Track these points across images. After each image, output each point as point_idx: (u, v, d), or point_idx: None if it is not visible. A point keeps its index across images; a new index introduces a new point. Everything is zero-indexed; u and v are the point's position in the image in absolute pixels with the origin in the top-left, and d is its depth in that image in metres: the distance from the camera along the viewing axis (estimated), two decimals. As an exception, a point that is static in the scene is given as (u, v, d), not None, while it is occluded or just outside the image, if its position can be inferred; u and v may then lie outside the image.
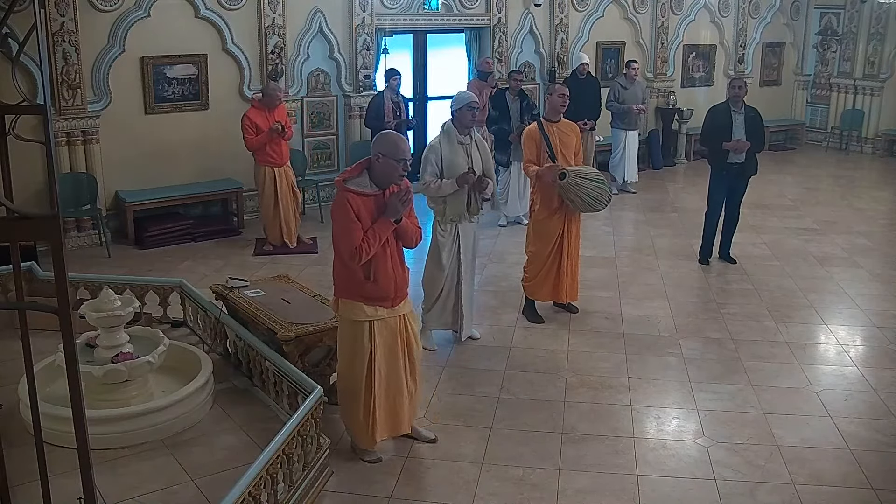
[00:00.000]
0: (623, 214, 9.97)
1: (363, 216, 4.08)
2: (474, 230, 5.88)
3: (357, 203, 4.08)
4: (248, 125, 7.94)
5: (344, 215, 4.06)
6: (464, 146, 5.60)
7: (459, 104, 5.59)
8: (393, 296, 4.25)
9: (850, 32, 13.91)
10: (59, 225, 2.30)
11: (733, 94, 7.65)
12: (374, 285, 4.17)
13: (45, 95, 2.59)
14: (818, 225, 9.48)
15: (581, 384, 5.42)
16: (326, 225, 9.17)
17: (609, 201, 6.29)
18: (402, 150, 4.16)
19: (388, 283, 4.21)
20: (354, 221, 4.05)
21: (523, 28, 11.40)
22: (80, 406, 2.45)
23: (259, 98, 8.24)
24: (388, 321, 4.28)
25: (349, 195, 4.09)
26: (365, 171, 4.18)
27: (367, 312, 4.20)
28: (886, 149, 13.66)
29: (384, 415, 4.35)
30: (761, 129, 7.76)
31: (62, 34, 7.94)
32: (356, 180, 4.15)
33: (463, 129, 5.59)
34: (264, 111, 8.01)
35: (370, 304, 4.20)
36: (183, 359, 5.07)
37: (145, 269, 7.69)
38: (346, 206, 4.06)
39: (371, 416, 4.30)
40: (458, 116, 5.59)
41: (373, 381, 4.27)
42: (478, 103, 5.75)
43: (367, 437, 4.37)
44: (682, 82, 13.33)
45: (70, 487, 3.29)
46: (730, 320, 6.57)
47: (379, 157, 4.13)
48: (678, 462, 4.51)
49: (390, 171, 4.14)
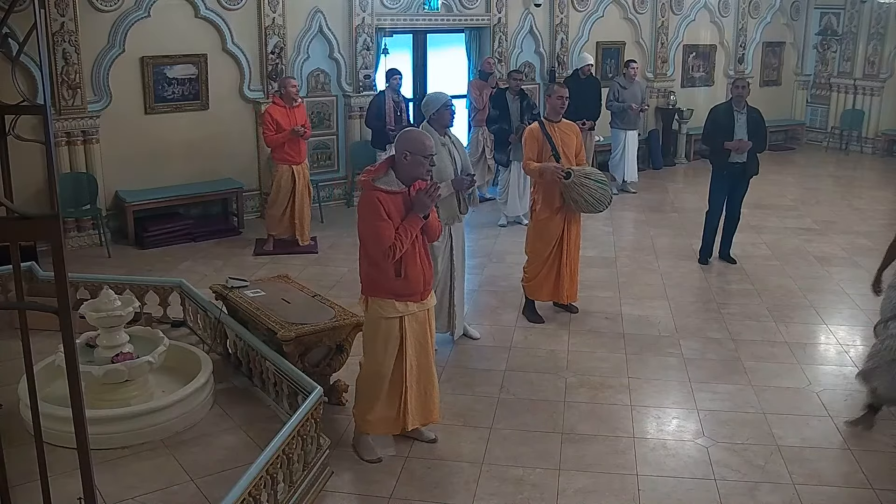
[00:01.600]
0: (623, 214, 9.97)
1: (393, 214, 4.11)
2: (462, 230, 5.89)
3: (386, 201, 4.11)
4: (268, 121, 7.98)
5: (374, 214, 4.08)
6: (446, 147, 5.57)
7: (437, 105, 5.51)
8: (422, 290, 4.31)
9: (850, 32, 13.90)
10: (59, 225, 2.30)
11: (736, 94, 7.65)
12: (405, 281, 4.21)
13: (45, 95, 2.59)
14: (818, 225, 9.48)
15: (581, 384, 5.42)
16: (327, 225, 9.19)
17: (610, 203, 6.30)
18: (429, 147, 4.21)
19: (417, 277, 4.25)
20: (385, 220, 4.07)
21: (523, 28, 11.40)
22: (80, 406, 2.44)
23: (278, 94, 8.26)
24: (417, 315, 4.34)
25: (378, 194, 4.11)
26: (390, 170, 4.20)
27: (398, 309, 4.25)
28: (886, 149, 13.65)
29: (417, 404, 4.43)
30: (763, 129, 7.76)
31: (62, 34, 7.94)
32: (383, 179, 4.17)
33: (442, 129, 5.54)
34: (285, 108, 8.04)
35: (401, 300, 4.25)
36: (183, 359, 5.07)
37: (145, 269, 7.69)
38: (376, 205, 4.08)
39: (404, 407, 4.38)
40: (437, 118, 5.51)
41: (404, 374, 4.33)
42: (451, 102, 5.63)
43: (395, 424, 4.44)
44: (682, 82, 13.32)
45: (70, 487, 3.29)
46: (730, 320, 6.57)
47: (406, 154, 4.16)
48: (678, 462, 4.51)
49: (418, 168, 4.18)
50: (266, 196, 9.47)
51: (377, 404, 4.40)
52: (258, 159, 9.49)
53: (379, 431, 4.51)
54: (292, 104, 8.09)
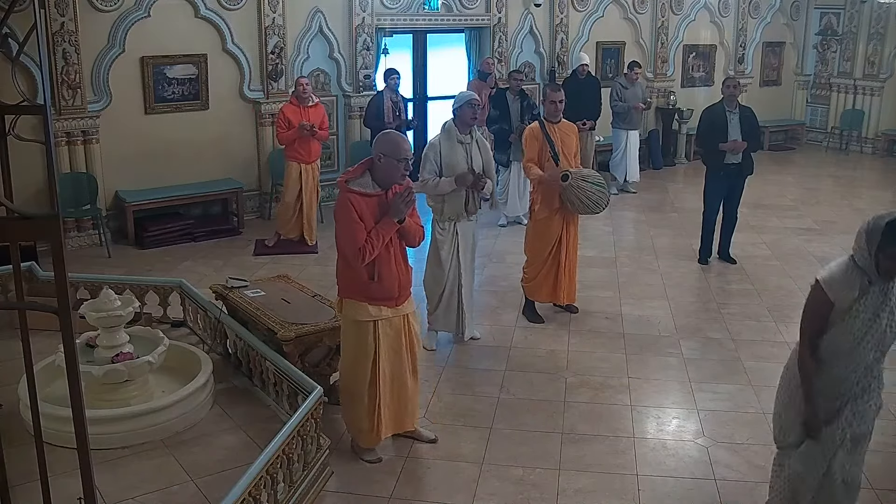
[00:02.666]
0: (623, 214, 9.96)
1: (366, 216, 4.08)
2: (473, 229, 5.88)
3: (360, 203, 4.08)
4: (280, 120, 8.18)
5: (347, 216, 4.06)
6: (464, 145, 5.60)
7: (460, 102, 5.61)
8: (397, 295, 4.26)
9: (850, 32, 13.90)
10: (59, 225, 2.30)
11: (728, 94, 7.66)
12: (379, 285, 4.18)
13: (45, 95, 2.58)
14: (818, 225, 9.48)
15: (581, 384, 5.42)
16: (327, 225, 9.18)
17: (607, 205, 6.31)
18: (404, 150, 4.16)
19: (392, 282, 4.21)
20: (357, 222, 4.05)
21: (523, 28, 11.40)
22: (80, 406, 2.44)
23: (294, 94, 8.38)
24: (392, 321, 4.29)
25: (352, 196, 4.09)
26: (367, 172, 4.18)
27: (371, 312, 4.21)
28: (886, 149, 13.65)
29: (389, 413, 4.37)
30: (757, 128, 7.78)
31: (62, 34, 7.94)
32: (358, 181, 4.15)
33: (464, 126, 5.60)
34: (299, 108, 8.16)
35: (374, 303, 4.21)
36: (183, 359, 5.07)
37: (145, 269, 7.69)
38: (348, 207, 4.06)
39: (376, 415, 4.32)
40: (458, 114, 5.60)
41: (377, 380, 4.28)
42: (478, 100, 5.76)
43: (370, 435, 4.38)
44: (682, 82, 13.32)
45: (70, 487, 3.29)
46: (730, 320, 6.57)
47: (381, 157, 4.14)
48: (678, 462, 4.51)
49: (392, 172, 4.15)
50: (266, 196, 9.51)
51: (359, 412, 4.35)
52: (258, 159, 9.49)
53: (363, 442, 4.44)
54: (306, 103, 8.19)
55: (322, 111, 8.43)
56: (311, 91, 8.33)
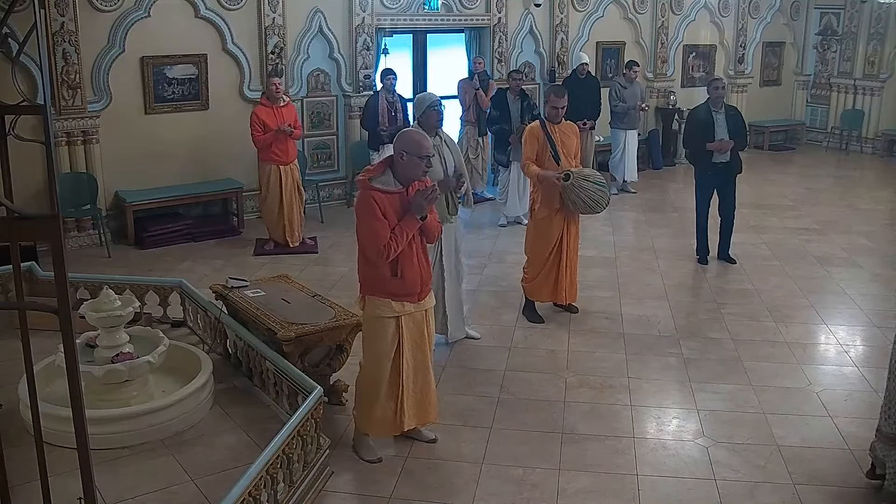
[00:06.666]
0: (623, 214, 9.97)
1: (389, 214, 4.11)
2: (454, 232, 5.84)
3: (382, 201, 4.11)
4: (255, 122, 8.00)
5: (370, 214, 4.09)
6: (436, 147, 5.54)
7: (422, 107, 5.50)
8: (419, 290, 4.31)
9: (850, 32, 13.90)
10: (59, 225, 2.30)
11: (715, 95, 7.69)
12: (402, 281, 4.21)
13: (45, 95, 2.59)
14: (818, 225, 9.48)
15: (581, 384, 5.42)
16: (327, 225, 9.19)
17: (608, 205, 6.31)
18: (425, 148, 4.21)
19: (414, 278, 4.25)
20: (380, 220, 4.08)
21: (523, 28, 11.40)
22: (80, 406, 2.45)
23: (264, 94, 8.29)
24: (414, 315, 4.34)
25: (374, 193, 4.12)
26: (388, 169, 4.22)
27: (395, 308, 4.25)
28: (886, 149, 13.64)
29: (412, 402, 4.42)
30: (743, 127, 7.82)
31: (62, 34, 7.94)
32: (380, 178, 4.18)
33: (431, 130, 5.44)
34: (272, 108, 8.05)
35: (398, 300, 4.25)
36: (183, 359, 5.07)
37: (145, 269, 7.69)
38: (371, 205, 4.09)
39: (399, 405, 4.37)
40: (424, 120, 5.48)
41: (401, 374, 4.33)
42: (439, 102, 5.58)
43: (393, 425, 4.42)
44: (681, 82, 13.32)
45: (70, 487, 3.28)
46: (730, 320, 6.57)
47: (403, 154, 4.17)
48: (678, 462, 4.51)
49: (414, 169, 4.19)
50: (260, 196, 9.49)
51: (376, 405, 4.40)
52: (258, 159, 9.46)
53: (379, 433, 4.51)
54: (277, 103, 8.09)
55: (293, 110, 8.34)
56: (283, 91, 8.27)
